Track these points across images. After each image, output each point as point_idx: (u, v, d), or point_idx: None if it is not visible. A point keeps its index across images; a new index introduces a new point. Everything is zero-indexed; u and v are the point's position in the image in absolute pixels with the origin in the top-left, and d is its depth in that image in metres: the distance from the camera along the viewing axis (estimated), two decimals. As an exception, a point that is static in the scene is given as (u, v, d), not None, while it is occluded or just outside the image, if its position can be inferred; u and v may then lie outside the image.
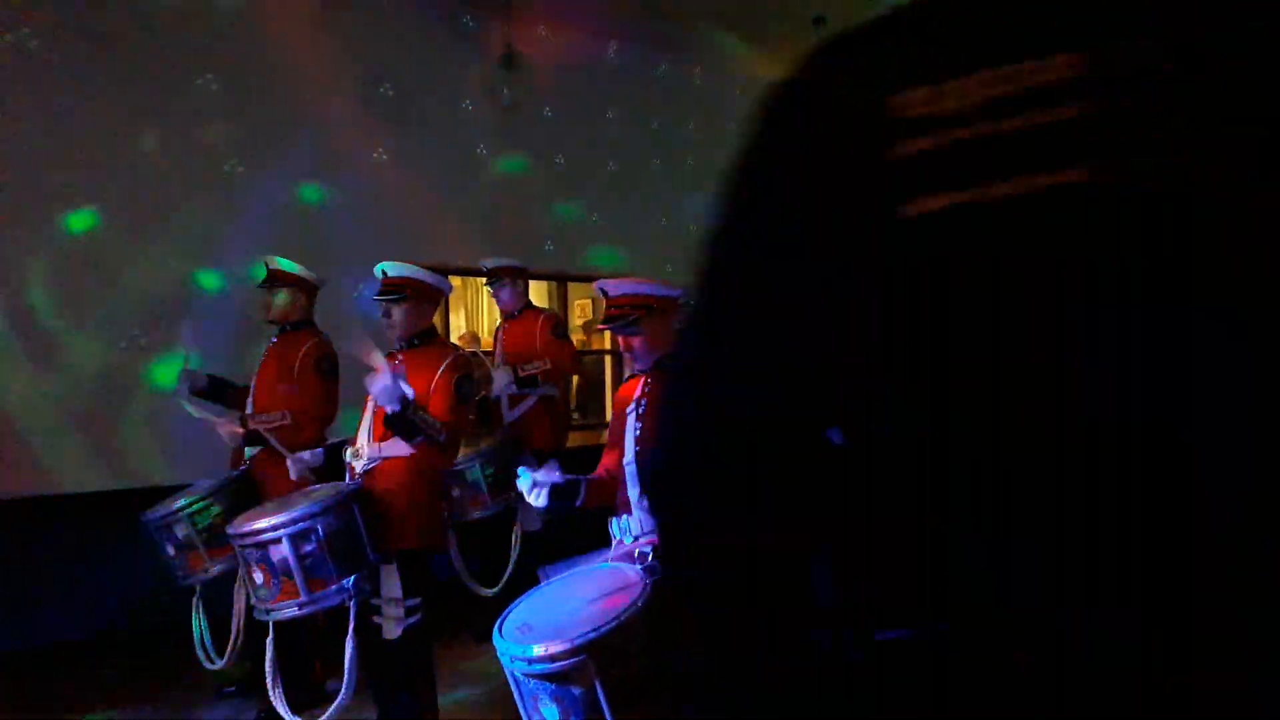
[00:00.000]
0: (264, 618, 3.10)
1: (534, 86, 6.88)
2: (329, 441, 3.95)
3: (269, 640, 3.19)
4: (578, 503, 2.79)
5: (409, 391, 3.10)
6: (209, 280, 5.44)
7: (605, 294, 2.87)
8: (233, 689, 4.23)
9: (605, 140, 7.41)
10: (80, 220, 5.13)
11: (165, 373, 5.08)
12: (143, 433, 5.19)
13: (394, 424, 3.18)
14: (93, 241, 5.14)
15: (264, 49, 5.70)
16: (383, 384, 3.06)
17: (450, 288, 3.76)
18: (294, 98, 5.82)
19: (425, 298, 3.52)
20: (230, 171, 5.57)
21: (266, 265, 4.07)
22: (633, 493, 2.68)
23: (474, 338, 8.65)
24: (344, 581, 3.09)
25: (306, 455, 3.81)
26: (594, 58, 7.40)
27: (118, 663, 4.73)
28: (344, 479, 3.46)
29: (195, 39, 5.46)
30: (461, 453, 4.20)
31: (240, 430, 3.85)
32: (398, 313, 3.43)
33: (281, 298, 4.03)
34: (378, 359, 3.12)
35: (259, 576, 3.06)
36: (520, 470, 2.74)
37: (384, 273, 3.49)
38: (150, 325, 5.25)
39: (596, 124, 7.37)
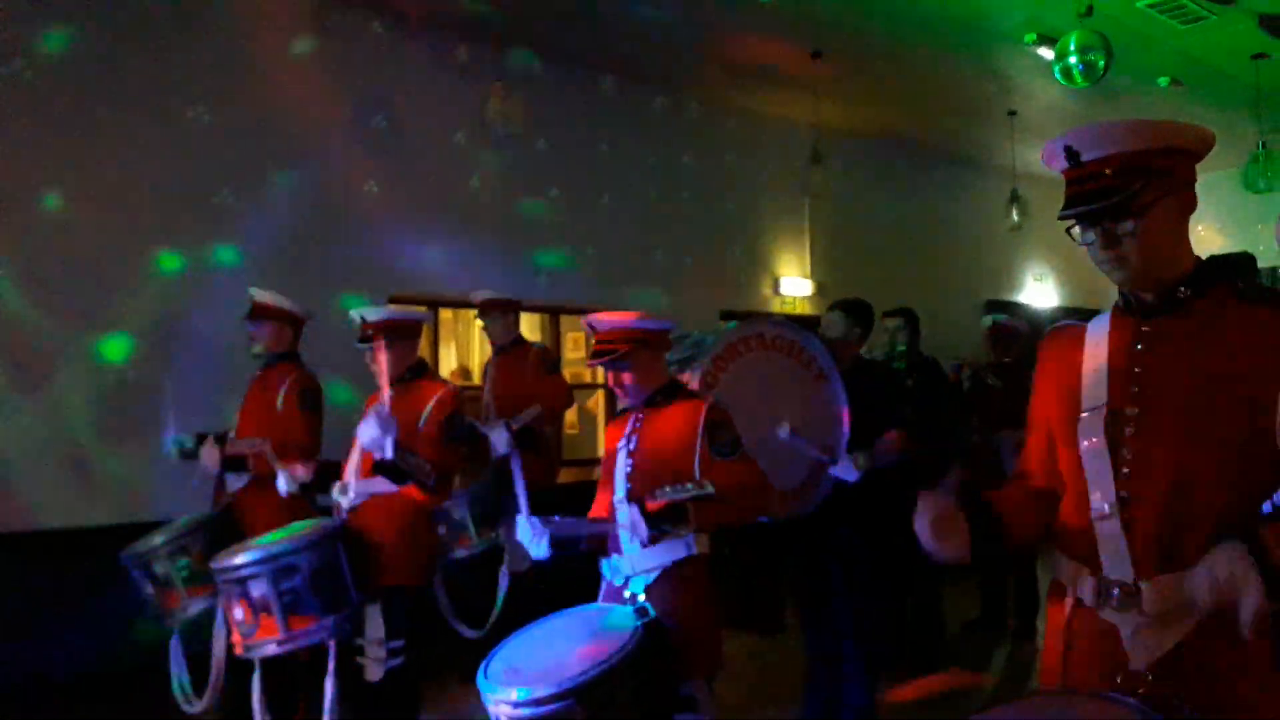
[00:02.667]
0: (244, 654, 3.05)
1: (528, 119, 6.88)
2: (321, 458, 3.86)
3: (255, 678, 3.12)
4: (582, 547, 2.70)
5: (389, 445, 3.03)
6: (198, 311, 5.37)
7: (594, 329, 2.77)
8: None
9: (600, 173, 7.40)
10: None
11: (150, 409, 4.98)
12: (127, 467, 5.10)
13: (383, 470, 3.14)
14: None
15: (257, 81, 5.68)
16: (371, 434, 3.02)
17: (427, 317, 3.83)
18: (286, 129, 5.79)
19: (405, 335, 3.55)
20: (220, 203, 5.54)
21: (252, 298, 4.01)
22: (623, 532, 2.58)
23: (465, 372, 8.58)
24: (325, 620, 3.02)
25: (300, 470, 3.70)
26: (589, 91, 7.41)
27: (98, 702, 4.61)
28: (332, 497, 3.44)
29: (187, 70, 5.45)
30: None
31: (219, 453, 3.78)
32: (383, 357, 3.39)
33: (266, 330, 3.97)
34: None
35: (239, 612, 3.01)
36: (519, 520, 2.55)
37: (362, 318, 3.48)
38: (137, 361, 5.19)
39: (591, 157, 7.37)
